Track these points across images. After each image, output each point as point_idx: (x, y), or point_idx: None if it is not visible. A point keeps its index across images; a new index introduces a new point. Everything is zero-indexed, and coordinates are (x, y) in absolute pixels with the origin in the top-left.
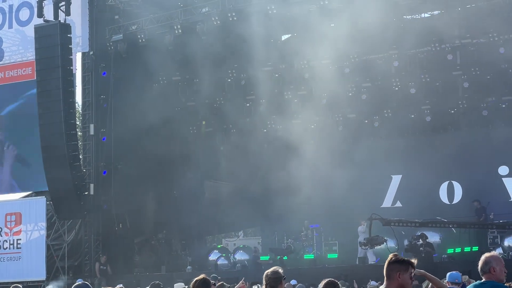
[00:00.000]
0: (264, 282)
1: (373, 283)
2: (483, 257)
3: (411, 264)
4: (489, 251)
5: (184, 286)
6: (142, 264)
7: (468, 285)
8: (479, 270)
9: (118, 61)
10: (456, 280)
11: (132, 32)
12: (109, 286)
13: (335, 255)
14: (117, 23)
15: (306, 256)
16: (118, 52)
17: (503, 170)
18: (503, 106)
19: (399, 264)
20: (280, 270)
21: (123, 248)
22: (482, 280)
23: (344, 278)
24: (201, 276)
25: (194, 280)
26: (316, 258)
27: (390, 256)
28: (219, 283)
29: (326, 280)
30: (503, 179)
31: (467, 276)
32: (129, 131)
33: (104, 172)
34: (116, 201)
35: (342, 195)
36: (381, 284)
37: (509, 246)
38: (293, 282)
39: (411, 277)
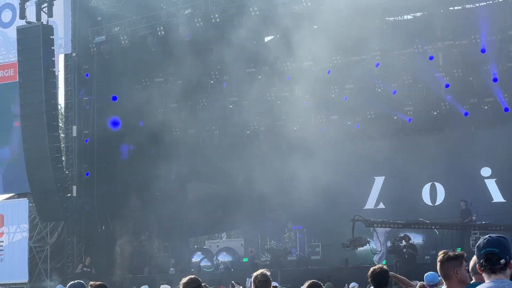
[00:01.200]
0: (253, 285)
1: (353, 284)
2: (474, 257)
3: (463, 256)
4: (472, 252)
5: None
6: (124, 266)
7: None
8: (470, 269)
9: (101, 62)
10: (431, 283)
11: (115, 33)
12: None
13: (318, 257)
14: (99, 24)
15: (289, 258)
16: (101, 54)
17: (485, 171)
18: (485, 107)
19: (454, 260)
20: (268, 273)
21: (105, 250)
22: (472, 281)
23: (327, 279)
24: (192, 276)
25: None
26: (299, 259)
27: (441, 254)
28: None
29: (310, 281)
30: (485, 180)
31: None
32: (111, 132)
33: (87, 174)
34: (99, 203)
35: (325, 196)
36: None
37: None
38: (274, 283)
39: (468, 270)
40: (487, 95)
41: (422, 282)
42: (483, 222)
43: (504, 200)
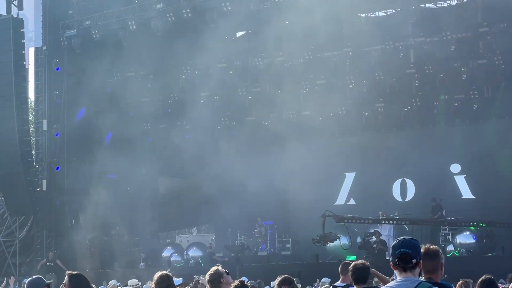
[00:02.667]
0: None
1: (325, 279)
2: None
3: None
4: (442, 248)
5: (138, 282)
6: (94, 260)
7: None
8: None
9: (71, 56)
10: None
11: (86, 27)
12: (61, 283)
13: (288, 252)
14: (70, 18)
15: (260, 253)
16: (72, 48)
17: (455, 168)
18: (456, 104)
19: (440, 255)
20: (220, 268)
21: (75, 245)
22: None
23: (297, 275)
24: (163, 273)
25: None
26: (270, 255)
27: (436, 248)
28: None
29: (282, 276)
30: (455, 176)
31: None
32: (82, 127)
33: (57, 168)
34: (69, 197)
35: (296, 192)
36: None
37: (460, 243)
38: (244, 278)
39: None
40: (457, 92)
41: (391, 278)
42: (452, 218)
43: (473, 197)
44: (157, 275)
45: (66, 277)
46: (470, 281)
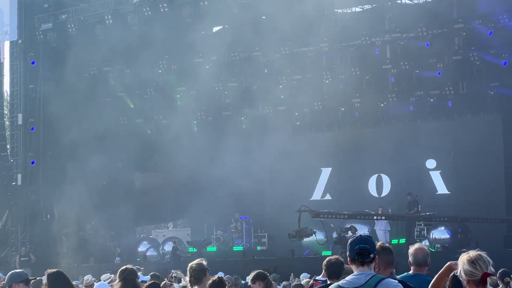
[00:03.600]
0: (188, 274)
1: (304, 275)
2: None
3: None
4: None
5: (110, 275)
6: (70, 255)
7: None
8: (420, 261)
9: (47, 50)
10: None
11: (62, 21)
12: (36, 277)
13: (264, 247)
14: (46, 11)
15: (235, 248)
16: (48, 41)
17: (430, 163)
18: (431, 100)
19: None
20: (204, 262)
21: (51, 239)
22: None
23: (273, 270)
24: (128, 267)
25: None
26: (245, 250)
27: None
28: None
29: (256, 271)
30: (430, 172)
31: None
32: (58, 121)
33: (32, 163)
34: (44, 191)
35: (272, 187)
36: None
37: (435, 238)
38: (220, 274)
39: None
40: (432, 88)
41: None
42: (428, 214)
43: (448, 192)
44: (121, 269)
45: (46, 275)
46: None
